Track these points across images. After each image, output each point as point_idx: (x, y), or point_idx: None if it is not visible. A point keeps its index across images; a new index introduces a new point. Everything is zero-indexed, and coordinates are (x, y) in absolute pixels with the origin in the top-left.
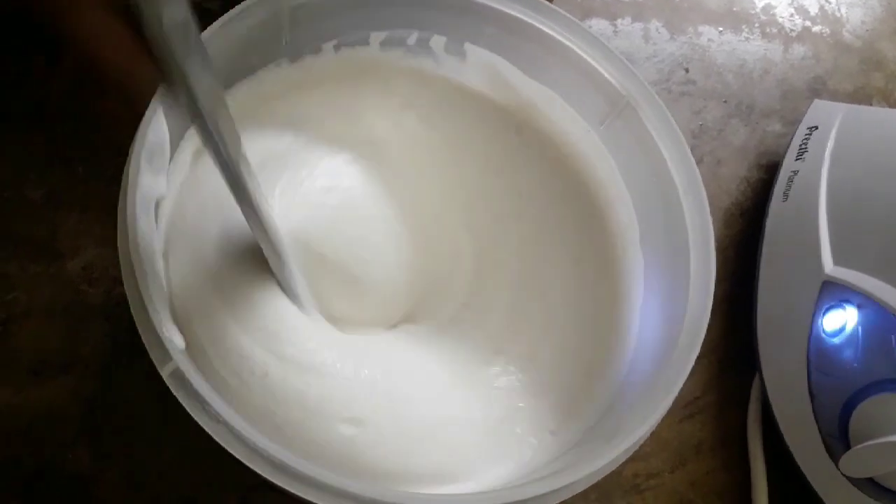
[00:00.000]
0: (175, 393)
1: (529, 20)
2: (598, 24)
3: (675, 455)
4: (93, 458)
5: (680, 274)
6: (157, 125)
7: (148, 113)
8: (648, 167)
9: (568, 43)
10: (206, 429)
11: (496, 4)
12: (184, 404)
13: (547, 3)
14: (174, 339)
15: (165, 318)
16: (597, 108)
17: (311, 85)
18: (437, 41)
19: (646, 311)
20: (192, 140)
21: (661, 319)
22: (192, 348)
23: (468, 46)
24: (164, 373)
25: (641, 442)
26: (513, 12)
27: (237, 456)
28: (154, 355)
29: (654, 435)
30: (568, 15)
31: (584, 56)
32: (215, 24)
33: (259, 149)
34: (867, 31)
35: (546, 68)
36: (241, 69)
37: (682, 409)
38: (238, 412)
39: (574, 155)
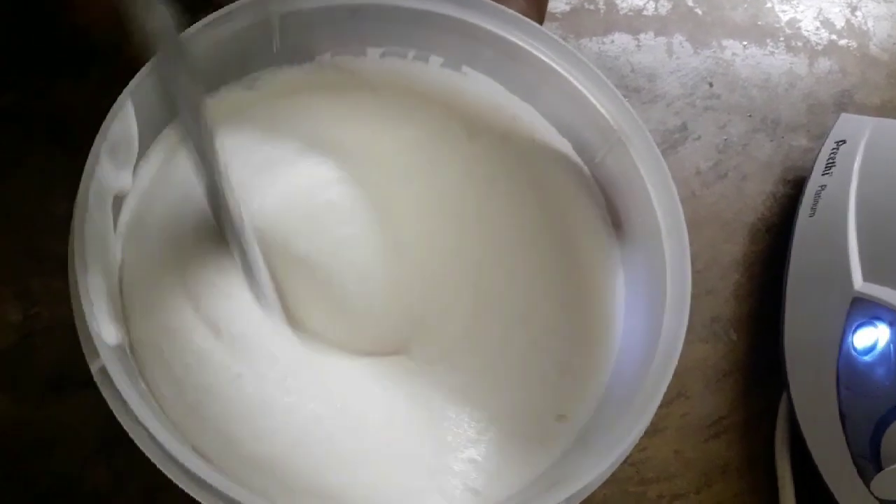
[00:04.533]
0: (101, 389)
1: (527, 46)
2: (620, 39)
3: (701, 476)
4: (111, 474)
5: (657, 314)
6: (124, 118)
7: (115, 106)
8: (634, 206)
9: (563, 72)
10: (127, 429)
11: (493, 28)
12: (108, 402)
13: (544, 29)
14: (107, 335)
15: (101, 313)
16: (589, 141)
17: (299, 91)
18: (435, 61)
19: (625, 342)
20: (167, 139)
21: (639, 350)
22: (144, 344)
23: (466, 69)
24: (93, 369)
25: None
26: (510, 37)
27: (153, 460)
28: (85, 350)
29: (679, 455)
30: (564, 43)
31: (579, 86)
32: (198, 25)
33: (240, 149)
34: (894, 44)
35: (542, 96)
36: (227, 71)
37: (708, 428)
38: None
39: (563, 189)
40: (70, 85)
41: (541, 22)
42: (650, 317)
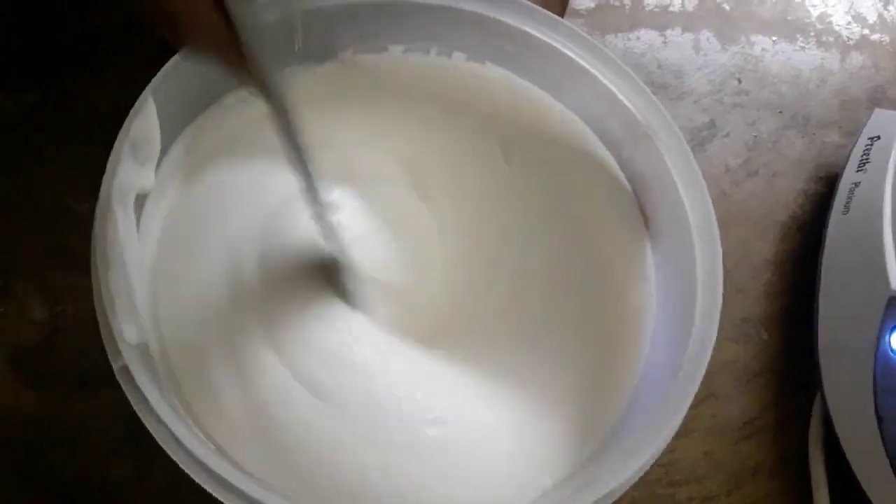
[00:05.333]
0: (123, 387)
1: (549, 40)
2: (646, 35)
3: (732, 478)
4: (135, 468)
5: (689, 315)
6: (146, 116)
7: (137, 104)
8: (664, 201)
9: (588, 66)
10: (148, 427)
11: (516, 23)
12: (129, 399)
13: (567, 23)
14: (128, 333)
15: (123, 312)
16: (616, 136)
17: (325, 95)
18: (458, 57)
19: (655, 345)
20: (186, 138)
21: (668, 352)
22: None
23: (489, 65)
24: (115, 367)
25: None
26: (534, 31)
27: (174, 458)
28: (108, 348)
29: (709, 456)
30: (588, 37)
31: (605, 81)
32: None
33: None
34: None
35: (567, 91)
36: None
37: (739, 429)
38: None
39: (593, 185)
40: (91, 84)
41: (562, 15)
42: (681, 315)
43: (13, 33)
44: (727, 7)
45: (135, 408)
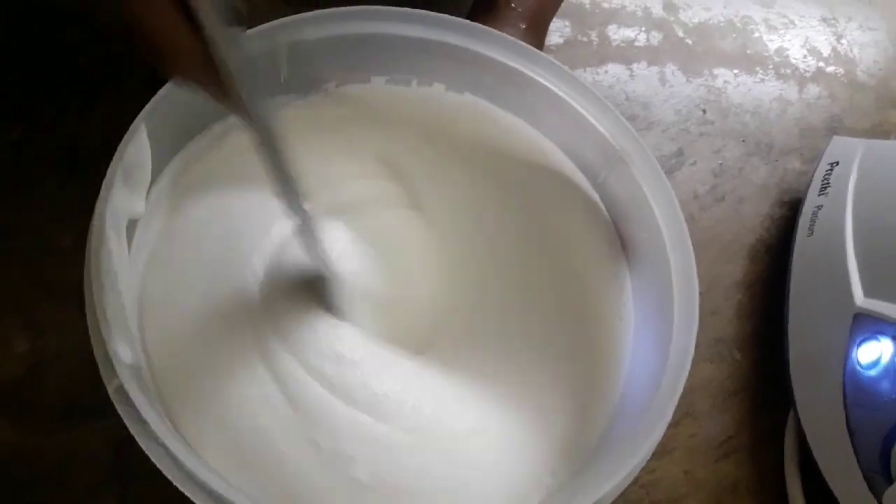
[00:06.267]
0: (118, 408)
1: (526, 70)
2: (614, 69)
3: (712, 496)
4: (121, 502)
5: (666, 330)
6: (138, 143)
7: (130, 131)
8: (639, 221)
9: (564, 95)
10: (144, 448)
11: (494, 54)
12: (125, 421)
13: (544, 55)
14: (123, 353)
15: (118, 332)
16: (592, 161)
17: (310, 125)
18: (438, 87)
19: (635, 360)
20: (175, 165)
21: (649, 368)
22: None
23: (468, 95)
24: (110, 388)
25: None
26: (511, 62)
27: (170, 478)
28: (102, 369)
29: (689, 475)
30: (563, 67)
31: (580, 109)
32: None
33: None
34: (880, 70)
35: (544, 119)
36: None
37: (717, 448)
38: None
39: (570, 208)
40: (77, 118)
41: (540, 48)
42: (659, 331)
43: None
44: (690, 42)
45: (130, 429)
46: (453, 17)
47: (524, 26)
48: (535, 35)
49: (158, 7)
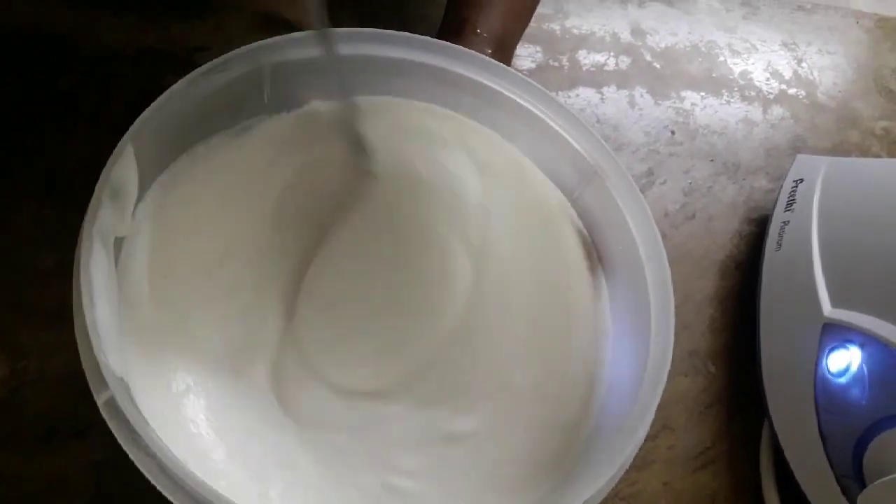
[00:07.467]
0: (108, 422)
1: (501, 89)
2: (585, 93)
3: None
4: None
5: (643, 342)
6: (124, 162)
7: (116, 150)
8: (614, 235)
9: (540, 114)
10: (135, 460)
11: (473, 75)
12: (115, 434)
13: (522, 75)
14: (114, 365)
15: (108, 345)
16: (567, 176)
17: (292, 142)
18: None
19: (612, 372)
20: (159, 185)
21: (627, 379)
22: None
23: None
24: (100, 401)
25: None
26: (489, 83)
27: (160, 489)
28: (91, 382)
29: (669, 487)
30: (537, 84)
31: (556, 127)
32: (193, 74)
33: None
34: (840, 91)
35: (520, 136)
36: (220, 119)
37: (694, 459)
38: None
39: (551, 220)
40: (55, 141)
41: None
42: (636, 342)
43: None
44: (658, 66)
45: (120, 442)
46: (432, 39)
47: (490, 51)
48: (501, 60)
49: None
